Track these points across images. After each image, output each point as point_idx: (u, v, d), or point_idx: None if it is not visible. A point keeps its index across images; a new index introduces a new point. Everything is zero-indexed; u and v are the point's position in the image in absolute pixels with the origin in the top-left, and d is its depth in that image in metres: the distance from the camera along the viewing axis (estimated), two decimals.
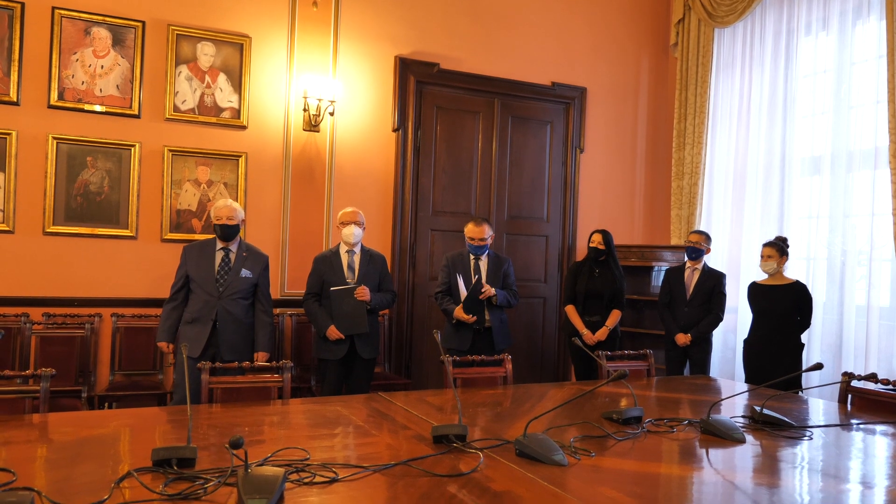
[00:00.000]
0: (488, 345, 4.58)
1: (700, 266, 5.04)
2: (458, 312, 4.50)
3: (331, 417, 2.63)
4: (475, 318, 4.48)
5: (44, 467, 1.93)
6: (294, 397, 3.00)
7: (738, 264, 5.81)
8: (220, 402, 2.83)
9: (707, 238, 5.08)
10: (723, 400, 3.01)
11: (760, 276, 4.69)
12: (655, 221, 6.73)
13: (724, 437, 2.48)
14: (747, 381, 4.57)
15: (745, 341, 4.69)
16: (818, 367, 2.71)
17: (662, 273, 6.20)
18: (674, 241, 6.35)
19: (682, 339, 4.89)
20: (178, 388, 3.91)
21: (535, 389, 3.37)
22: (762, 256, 4.56)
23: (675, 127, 6.46)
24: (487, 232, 4.64)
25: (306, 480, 1.82)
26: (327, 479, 1.83)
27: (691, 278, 5.04)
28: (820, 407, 3.24)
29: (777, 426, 2.66)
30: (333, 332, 4.24)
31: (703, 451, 2.36)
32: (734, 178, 6.01)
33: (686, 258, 5.10)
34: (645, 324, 6.21)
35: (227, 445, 1.69)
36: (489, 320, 4.60)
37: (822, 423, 2.82)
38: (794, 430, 2.64)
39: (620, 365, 3.78)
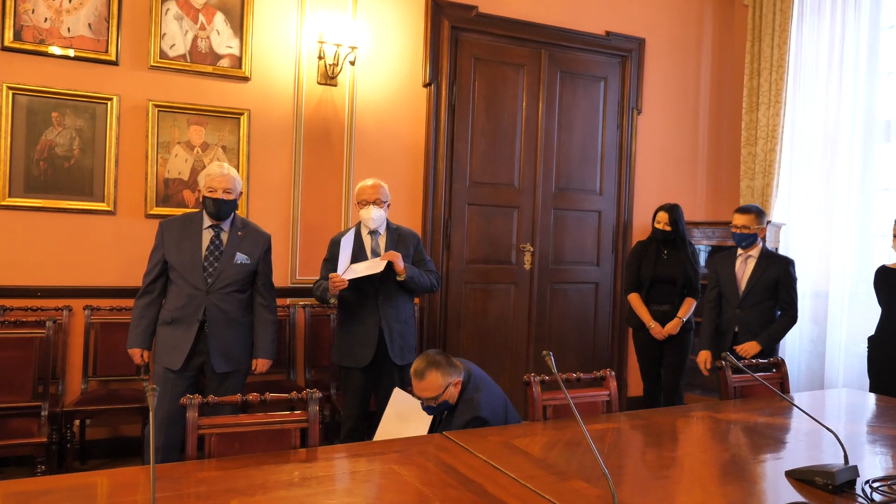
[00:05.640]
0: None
1: (756, 252, 3.94)
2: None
3: (389, 488, 1.76)
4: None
5: None
6: None
7: (829, 247, 4.91)
8: (216, 454, 1.94)
9: (758, 216, 3.89)
10: None
11: (893, 259, 3.82)
12: (720, 194, 5.83)
13: None
14: (873, 389, 3.71)
15: (871, 339, 3.79)
16: None
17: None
18: None
19: (752, 348, 3.86)
20: (157, 418, 3.01)
21: (657, 420, 2.50)
22: (895, 235, 3.67)
23: (746, 85, 5.53)
24: (442, 383, 2.71)
25: None
26: None
27: (744, 269, 3.96)
28: None
29: None
30: (337, 278, 3.29)
31: None
32: (823, 144, 5.09)
33: (736, 246, 4.05)
34: (700, 313, 5.30)
35: None
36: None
37: None
38: None
39: (745, 380, 2.90)
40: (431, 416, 2.82)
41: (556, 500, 1.60)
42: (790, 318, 3.90)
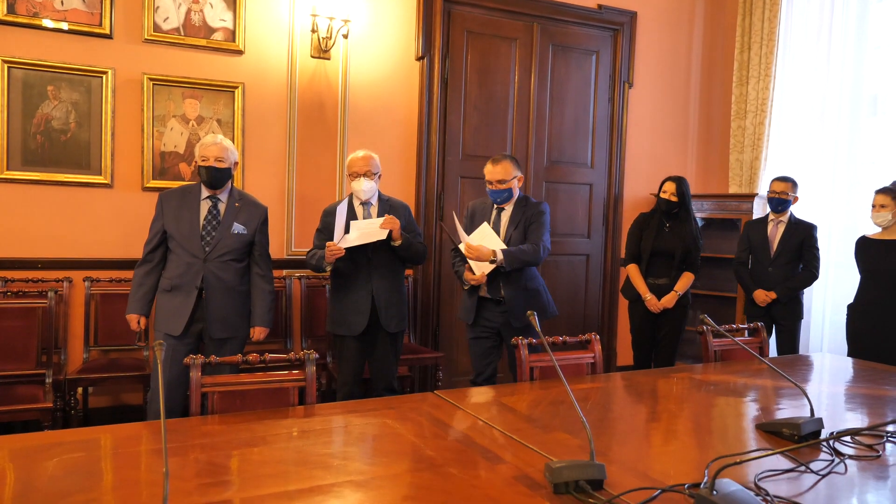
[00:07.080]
0: (505, 322, 3.51)
1: (786, 218, 4.32)
2: (468, 274, 3.48)
3: (383, 439, 1.85)
4: (483, 277, 3.41)
5: None
6: None
7: (816, 219, 4.98)
8: (219, 411, 2.03)
9: (794, 185, 4.32)
10: None
11: (873, 230, 3.92)
12: (710, 167, 5.90)
13: None
14: (850, 353, 3.83)
15: (850, 306, 3.93)
16: None
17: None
18: (733, 190, 5.54)
19: (762, 296, 4.24)
20: (155, 383, 3.12)
21: (638, 381, 2.59)
22: (874, 206, 3.79)
23: (737, 58, 5.58)
24: (511, 172, 3.49)
25: None
26: None
27: (775, 232, 4.32)
28: None
29: None
30: (333, 246, 3.34)
31: None
32: (811, 118, 5.15)
33: (769, 210, 4.33)
34: (695, 284, 5.38)
35: None
36: (503, 289, 3.47)
37: None
38: None
39: (725, 344, 3.00)
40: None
41: (540, 450, 1.69)
42: (810, 274, 4.26)
